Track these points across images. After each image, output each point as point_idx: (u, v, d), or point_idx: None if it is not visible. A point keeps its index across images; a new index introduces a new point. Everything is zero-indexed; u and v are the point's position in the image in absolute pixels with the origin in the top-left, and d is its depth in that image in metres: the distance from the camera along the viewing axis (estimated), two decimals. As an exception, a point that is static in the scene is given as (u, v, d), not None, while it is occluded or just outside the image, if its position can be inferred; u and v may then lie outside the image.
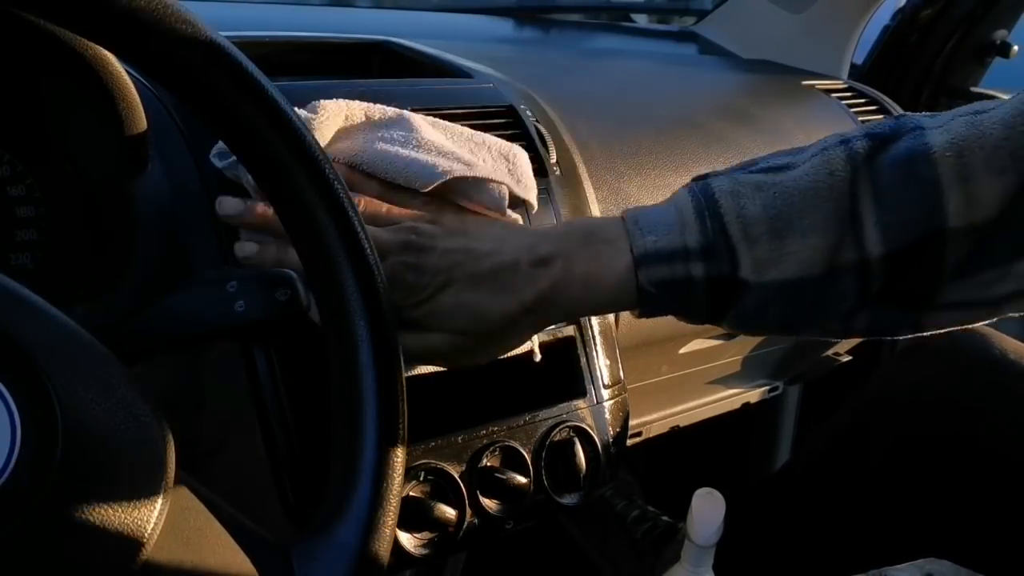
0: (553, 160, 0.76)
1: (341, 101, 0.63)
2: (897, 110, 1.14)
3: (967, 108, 0.55)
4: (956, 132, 0.53)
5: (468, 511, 0.65)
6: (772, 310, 0.55)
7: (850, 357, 1.24)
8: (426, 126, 0.65)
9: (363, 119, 0.64)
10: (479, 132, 0.68)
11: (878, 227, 0.53)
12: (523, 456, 0.67)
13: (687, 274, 0.55)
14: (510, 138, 0.74)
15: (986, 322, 0.57)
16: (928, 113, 0.56)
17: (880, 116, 1.11)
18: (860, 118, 1.08)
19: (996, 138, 0.51)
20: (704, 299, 0.56)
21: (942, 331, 0.57)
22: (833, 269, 0.54)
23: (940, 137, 0.53)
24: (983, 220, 0.51)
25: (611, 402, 0.73)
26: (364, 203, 0.58)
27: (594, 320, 0.73)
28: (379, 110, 0.65)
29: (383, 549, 0.46)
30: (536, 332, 0.59)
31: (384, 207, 0.58)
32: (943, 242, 0.52)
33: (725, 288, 0.55)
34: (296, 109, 0.47)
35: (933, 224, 0.52)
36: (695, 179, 0.58)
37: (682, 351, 0.99)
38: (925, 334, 0.57)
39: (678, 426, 1.10)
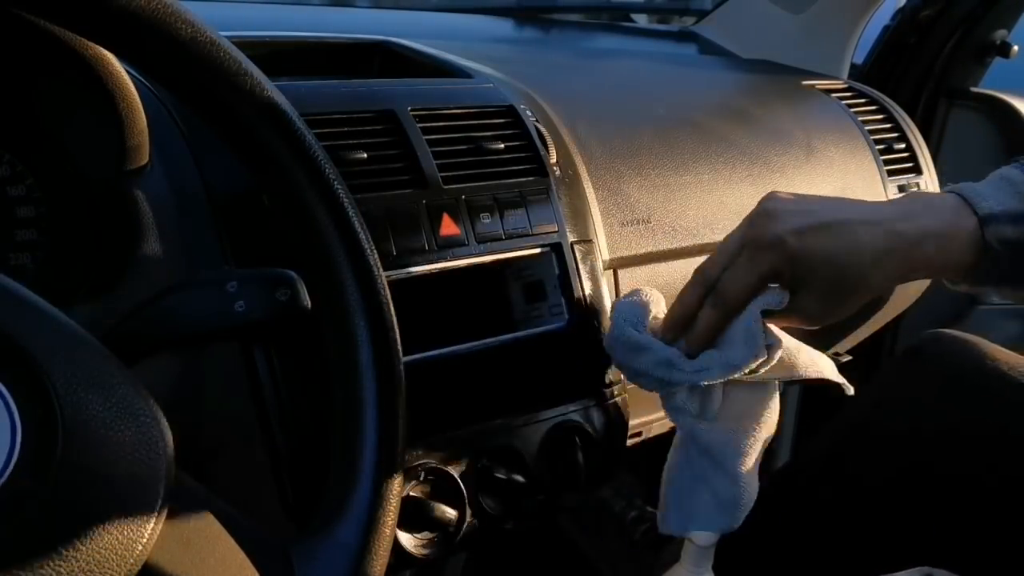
0: (553, 160, 0.76)
1: None
2: (897, 110, 1.13)
3: None
4: None
5: (468, 511, 0.65)
6: None
7: (850, 357, 1.24)
8: None
9: None
10: None
11: None
12: (523, 456, 0.67)
13: None
14: (510, 138, 0.74)
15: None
16: None
17: (880, 116, 1.11)
18: (860, 118, 1.08)
19: None
20: None
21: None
22: None
23: None
24: None
25: (611, 402, 0.73)
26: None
27: (594, 320, 0.73)
28: None
29: (383, 549, 0.46)
30: (883, 290, 0.62)
31: None
32: None
33: None
34: None
35: None
36: (1015, 157, 0.63)
37: (682, 351, 0.99)
38: (918, 341, 0.59)
39: (678, 426, 1.10)
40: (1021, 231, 0.58)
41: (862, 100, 1.12)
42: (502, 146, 0.72)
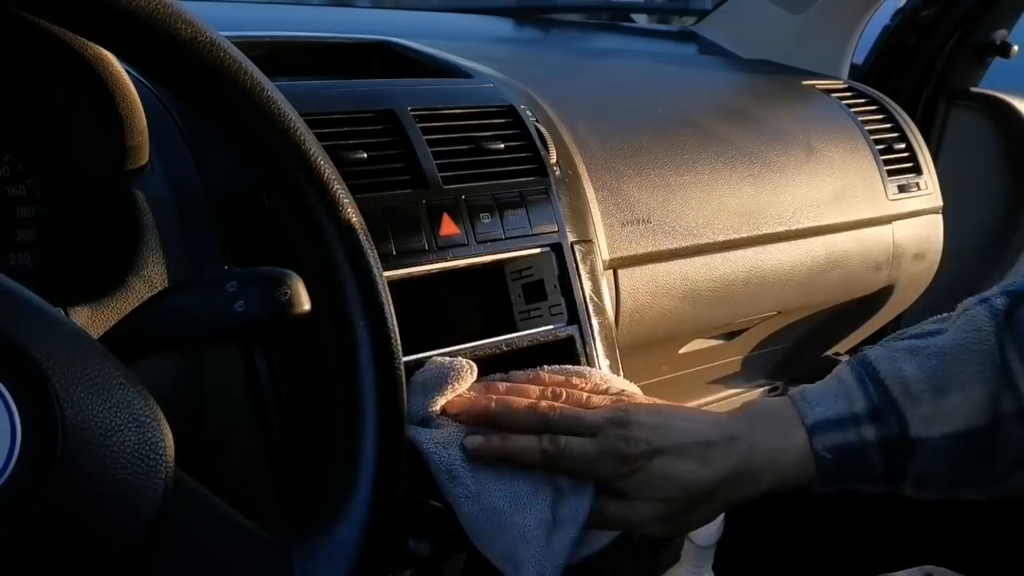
0: (553, 160, 0.76)
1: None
2: (897, 110, 1.14)
3: None
4: None
5: (468, 511, 0.64)
6: (945, 463, 0.58)
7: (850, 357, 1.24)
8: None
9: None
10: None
11: None
12: (523, 456, 0.67)
13: (859, 438, 0.58)
14: (510, 138, 0.74)
15: None
16: None
17: (880, 116, 1.11)
18: (860, 118, 1.08)
19: None
20: (880, 460, 0.58)
21: None
22: (997, 419, 0.56)
23: None
24: None
25: (611, 402, 0.73)
26: (566, 395, 0.62)
27: (594, 320, 0.73)
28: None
29: (383, 549, 0.46)
30: (722, 510, 0.62)
31: (585, 396, 0.62)
32: None
33: (898, 448, 0.58)
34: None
35: None
36: (852, 357, 0.62)
37: (682, 351, 0.99)
38: None
39: (678, 426, 1.10)
40: (846, 435, 0.58)
41: (862, 100, 1.12)
42: (502, 146, 0.72)
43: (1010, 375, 0.56)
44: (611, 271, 0.80)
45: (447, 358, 0.62)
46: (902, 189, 1.06)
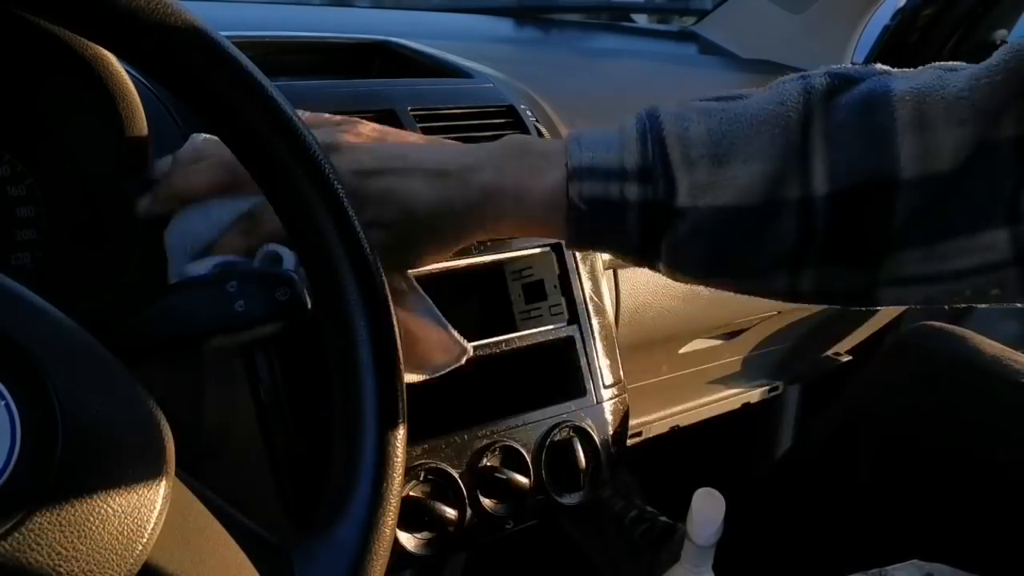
0: (553, 160, 0.76)
1: None
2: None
3: (941, 64, 0.54)
4: (921, 82, 0.51)
5: (468, 511, 0.64)
6: (705, 240, 0.52)
7: (850, 357, 1.24)
8: None
9: None
10: None
11: (825, 164, 0.50)
12: (523, 456, 0.67)
13: (621, 195, 0.53)
14: (510, 138, 0.74)
15: (952, 305, 0.54)
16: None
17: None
18: (860, 118, 1.08)
19: (959, 89, 0.50)
20: (636, 225, 0.53)
21: (906, 308, 0.54)
22: (773, 201, 0.51)
23: (903, 84, 0.51)
24: (937, 173, 0.49)
25: (611, 402, 0.73)
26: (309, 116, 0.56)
27: (594, 320, 0.73)
28: None
29: (383, 549, 0.46)
30: (455, 246, 0.56)
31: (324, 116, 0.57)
32: (893, 189, 0.49)
33: (659, 214, 0.53)
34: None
35: (884, 168, 0.49)
36: (644, 107, 0.57)
37: (682, 351, 0.99)
38: (905, 334, 0.56)
39: (678, 426, 1.10)
40: (608, 188, 0.52)
41: (862, 100, 1.12)
42: (502, 146, 0.72)
43: (805, 158, 0.51)
44: (611, 271, 0.80)
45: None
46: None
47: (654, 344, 0.90)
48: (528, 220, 0.54)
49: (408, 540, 0.62)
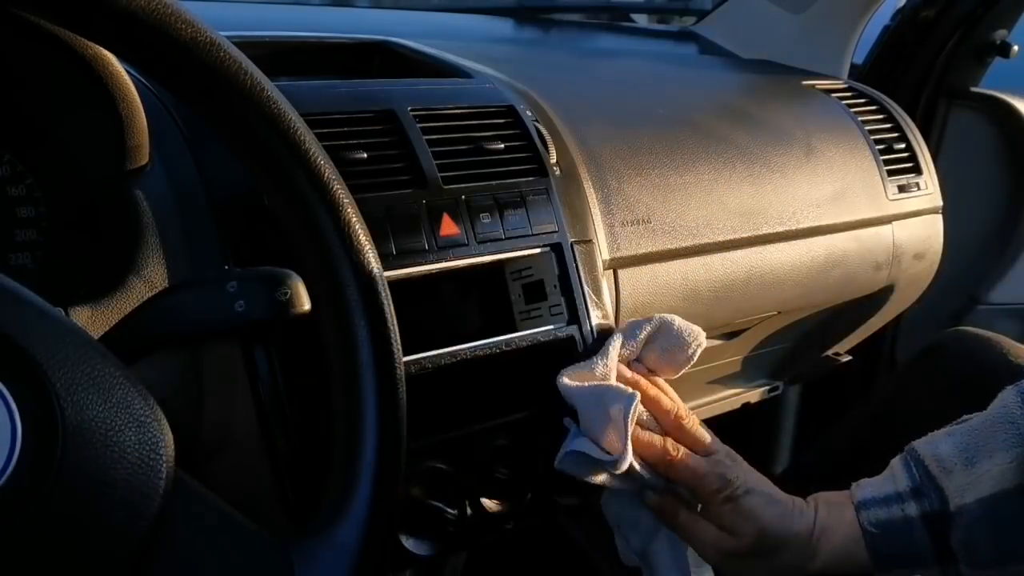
0: (553, 160, 0.76)
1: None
2: (897, 110, 1.13)
3: None
4: None
5: (468, 511, 0.64)
6: (986, 530, 0.61)
7: (850, 357, 1.24)
8: None
9: None
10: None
11: None
12: (523, 456, 0.67)
13: (903, 514, 0.64)
14: (510, 138, 0.74)
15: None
16: None
17: (880, 116, 1.11)
18: (860, 118, 1.08)
19: None
20: (924, 534, 0.63)
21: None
22: None
23: None
24: None
25: (611, 402, 0.73)
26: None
27: (594, 319, 0.73)
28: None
29: (383, 549, 0.46)
30: (770, 574, 0.67)
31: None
32: None
33: (938, 519, 0.63)
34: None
35: None
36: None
37: (682, 351, 0.99)
38: (939, 339, 0.61)
39: (678, 426, 1.10)
40: (891, 511, 0.64)
41: (862, 100, 1.12)
42: (502, 146, 0.72)
43: None
44: (611, 271, 0.80)
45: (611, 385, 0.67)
46: (902, 189, 1.06)
47: (654, 344, 0.90)
48: (834, 554, 0.66)
49: (408, 540, 0.62)
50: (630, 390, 0.65)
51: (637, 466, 0.64)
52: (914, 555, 0.64)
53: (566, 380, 0.66)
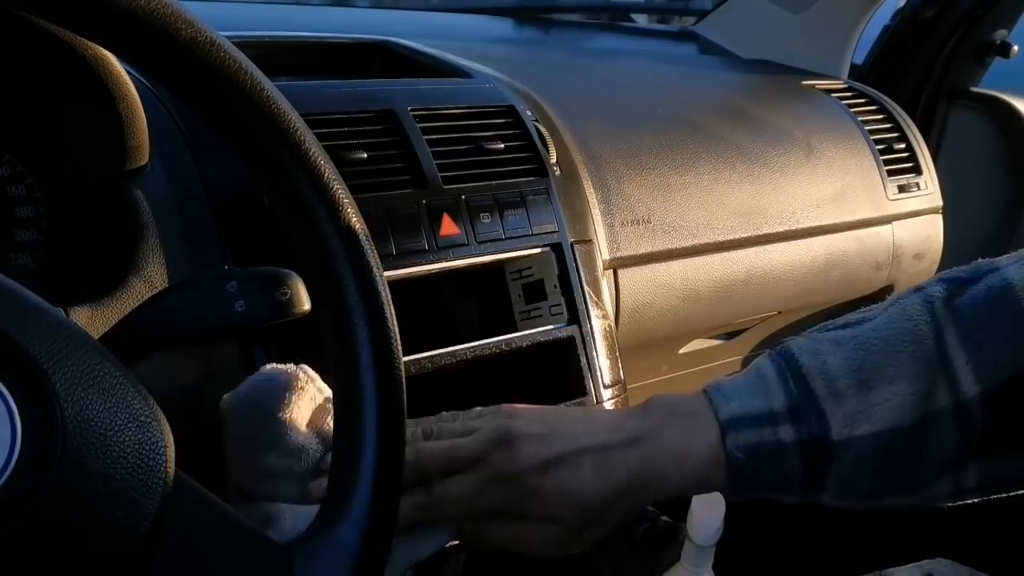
0: (553, 160, 0.76)
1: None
2: (897, 110, 1.14)
3: None
4: None
5: (468, 511, 0.64)
6: (870, 465, 0.53)
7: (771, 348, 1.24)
8: None
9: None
10: None
11: (969, 366, 0.51)
12: (523, 456, 0.67)
13: (776, 439, 0.53)
14: (510, 138, 0.74)
15: None
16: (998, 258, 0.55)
17: (880, 116, 1.11)
18: (860, 118, 1.08)
19: None
20: (798, 465, 0.53)
21: None
22: (928, 415, 0.52)
23: (1018, 272, 0.52)
24: None
25: (611, 402, 0.73)
26: (437, 429, 0.57)
27: (594, 320, 0.73)
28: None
29: (383, 549, 0.46)
30: (624, 519, 0.56)
31: (460, 424, 0.56)
32: None
33: (818, 450, 0.53)
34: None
35: None
36: (773, 347, 0.57)
37: (682, 351, 0.99)
38: None
39: (678, 426, 1.10)
40: (762, 434, 0.53)
41: (862, 100, 1.13)
42: (502, 146, 0.72)
43: (949, 366, 0.51)
44: (611, 271, 0.80)
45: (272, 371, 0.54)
46: (902, 189, 1.06)
47: (654, 344, 0.90)
48: (691, 481, 0.55)
49: (408, 540, 0.62)
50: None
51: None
52: (776, 481, 0.54)
53: None
